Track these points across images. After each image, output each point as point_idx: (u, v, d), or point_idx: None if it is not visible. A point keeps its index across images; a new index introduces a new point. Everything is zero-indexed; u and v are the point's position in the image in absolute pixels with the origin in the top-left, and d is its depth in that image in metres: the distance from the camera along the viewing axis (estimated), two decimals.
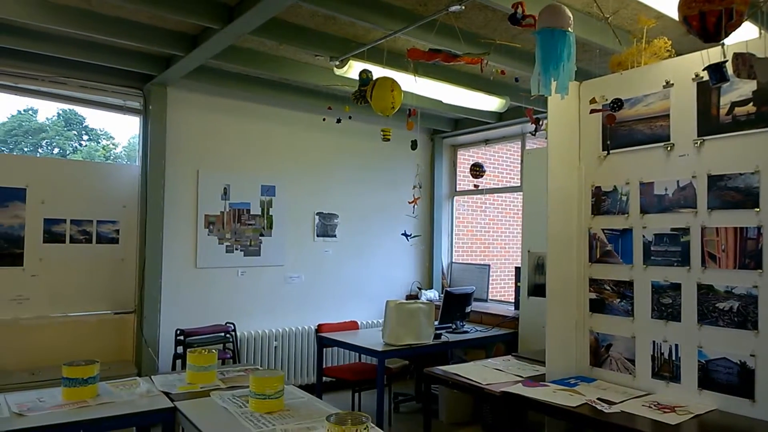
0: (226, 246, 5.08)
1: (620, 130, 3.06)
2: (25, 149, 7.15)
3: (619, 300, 3.01)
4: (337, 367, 5.00)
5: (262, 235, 5.27)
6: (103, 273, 4.60)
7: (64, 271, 4.44)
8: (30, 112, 7.35)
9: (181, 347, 4.38)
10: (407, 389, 5.33)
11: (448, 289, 4.77)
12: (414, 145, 3.66)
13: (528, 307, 4.61)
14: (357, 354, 4.94)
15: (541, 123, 3.76)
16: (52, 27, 3.55)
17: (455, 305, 4.66)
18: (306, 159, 5.54)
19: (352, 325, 4.91)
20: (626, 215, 3.00)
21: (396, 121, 3.62)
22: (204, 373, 2.90)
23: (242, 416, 2.35)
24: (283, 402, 2.48)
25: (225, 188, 5.08)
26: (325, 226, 5.69)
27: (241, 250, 5.15)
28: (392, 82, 3.19)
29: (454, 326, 4.67)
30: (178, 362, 4.39)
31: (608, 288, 3.05)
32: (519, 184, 5.89)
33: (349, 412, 2.03)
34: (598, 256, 3.12)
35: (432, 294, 5.95)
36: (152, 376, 2.99)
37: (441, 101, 4.36)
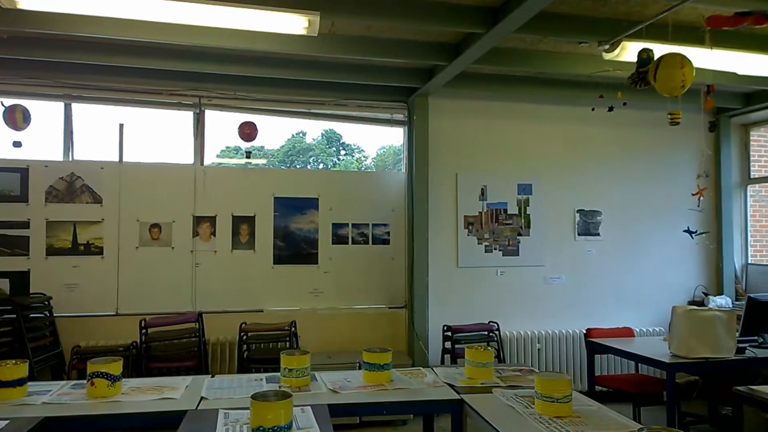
0: (485, 246, 5.16)
1: None
2: (297, 166, 8.32)
3: None
4: (612, 377, 4.63)
5: (519, 234, 5.22)
6: (377, 271, 5.11)
7: (347, 268, 5.06)
8: (300, 134, 8.53)
9: (449, 342, 4.58)
10: (692, 408, 4.64)
11: (753, 295, 3.99)
12: (712, 126, 3.17)
13: None
14: (632, 364, 4.50)
15: None
16: (339, 56, 4.10)
17: (762, 315, 3.88)
18: (565, 154, 5.32)
19: (626, 332, 4.48)
20: None
21: (671, 102, 3.18)
22: (482, 369, 2.93)
23: (530, 417, 2.30)
24: (572, 408, 2.36)
25: (482, 189, 5.18)
26: (587, 224, 5.34)
27: (499, 250, 5.18)
28: (682, 58, 2.80)
29: (761, 340, 3.89)
30: (447, 357, 4.59)
31: None
32: None
33: (663, 428, 1.82)
34: None
35: (722, 300, 5.10)
36: (434, 368, 3.16)
37: (735, 73, 3.69)
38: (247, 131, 4.79)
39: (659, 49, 3.11)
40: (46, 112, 4.68)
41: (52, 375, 4.24)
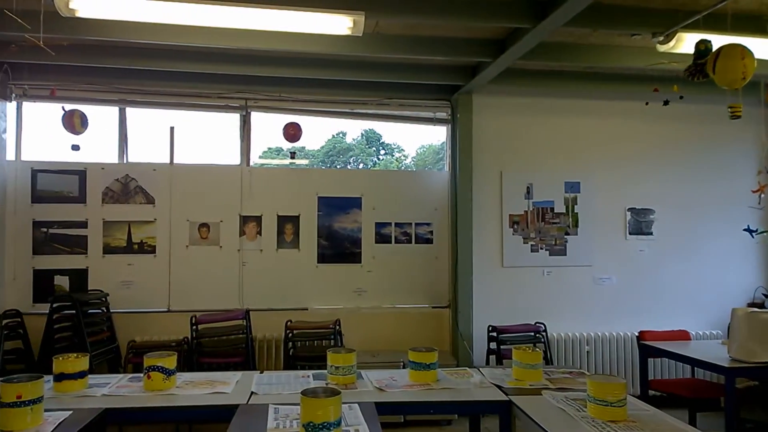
0: (531, 245, 5.06)
1: None
2: (338, 166, 8.37)
3: None
4: (667, 381, 4.45)
5: (567, 233, 5.09)
6: (420, 270, 5.09)
7: (390, 268, 5.06)
8: (341, 134, 8.58)
9: (494, 343, 4.51)
10: (752, 415, 4.42)
11: None
12: None
13: None
14: (687, 368, 4.33)
15: None
16: (382, 56, 4.10)
17: None
18: (615, 150, 5.16)
19: (682, 335, 4.31)
20: None
21: (731, 95, 3.03)
22: (531, 371, 2.87)
23: (583, 420, 2.24)
24: (626, 412, 2.29)
25: (528, 187, 5.08)
26: (639, 223, 5.17)
27: (546, 250, 5.07)
28: (742, 49, 2.67)
29: None
30: (492, 357, 4.53)
31: None
32: None
33: None
34: None
35: None
36: (480, 369, 3.12)
37: None
38: (292, 132, 4.86)
39: (718, 40, 2.97)
40: (102, 117, 4.87)
41: (109, 368, 4.41)
